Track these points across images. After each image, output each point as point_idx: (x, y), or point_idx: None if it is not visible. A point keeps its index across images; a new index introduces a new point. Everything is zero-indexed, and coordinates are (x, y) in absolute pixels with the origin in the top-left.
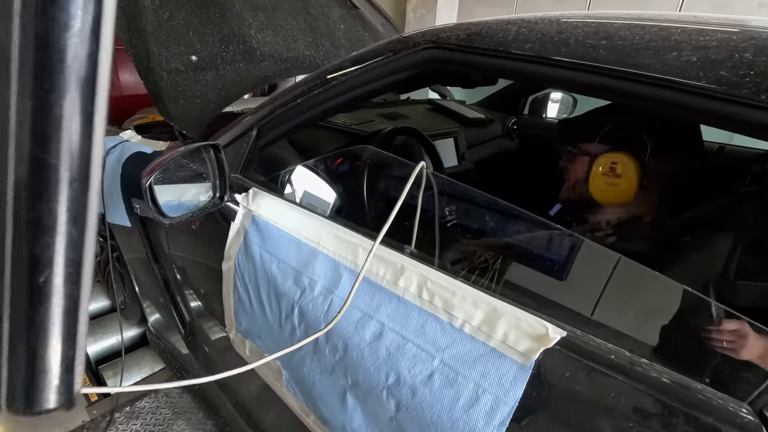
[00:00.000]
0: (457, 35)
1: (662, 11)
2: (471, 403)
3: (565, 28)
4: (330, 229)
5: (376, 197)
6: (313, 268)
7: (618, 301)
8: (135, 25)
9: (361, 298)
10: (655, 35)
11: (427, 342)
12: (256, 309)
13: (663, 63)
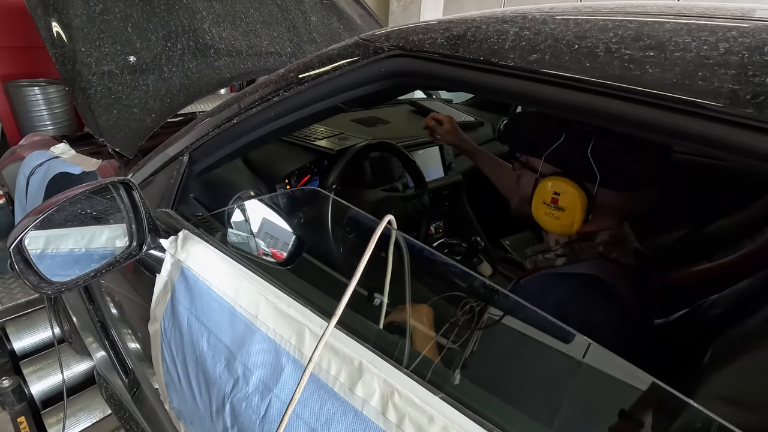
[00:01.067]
0: (433, 39)
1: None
2: None
3: (589, 29)
4: (271, 298)
5: (332, 255)
6: (248, 351)
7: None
8: (60, 20)
9: (307, 404)
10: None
11: None
12: (186, 390)
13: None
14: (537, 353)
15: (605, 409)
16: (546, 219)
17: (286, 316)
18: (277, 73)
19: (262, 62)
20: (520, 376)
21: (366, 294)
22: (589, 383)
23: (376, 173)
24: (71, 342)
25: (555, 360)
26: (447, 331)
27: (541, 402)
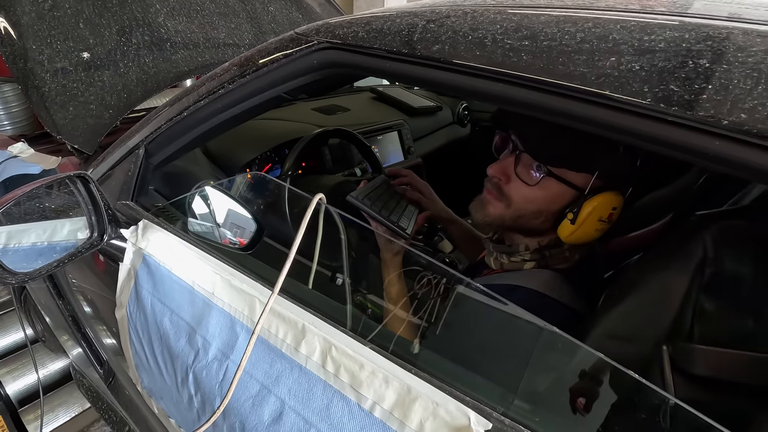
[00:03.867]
0: (355, 32)
1: None
2: None
3: (481, 22)
4: (226, 276)
5: (283, 229)
6: (207, 325)
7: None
8: (7, 17)
9: (259, 365)
10: (590, 33)
11: (332, 428)
12: (153, 368)
13: (601, 74)
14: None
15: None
16: (594, 234)
17: (239, 291)
18: (222, 67)
19: (221, 54)
20: (445, 331)
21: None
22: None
23: (336, 159)
24: (44, 341)
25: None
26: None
27: (455, 346)
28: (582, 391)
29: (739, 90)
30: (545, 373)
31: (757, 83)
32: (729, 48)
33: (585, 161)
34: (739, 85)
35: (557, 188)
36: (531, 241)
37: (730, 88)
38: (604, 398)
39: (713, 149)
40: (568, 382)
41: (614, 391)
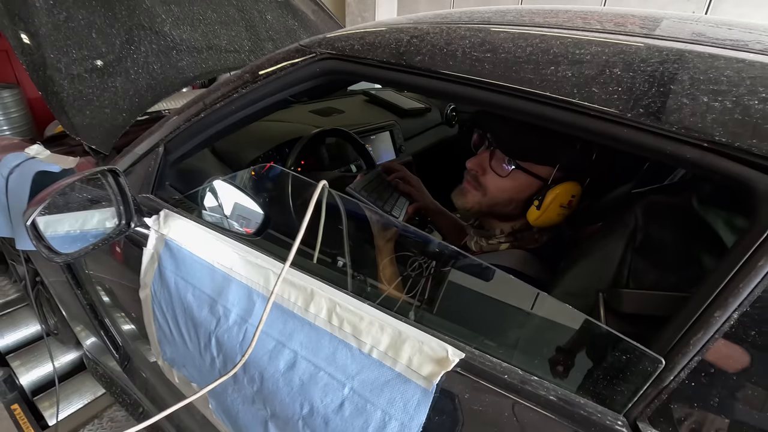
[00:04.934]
0: (351, 45)
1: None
2: (380, 428)
3: (453, 37)
4: (242, 254)
5: (287, 216)
6: (227, 295)
7: (517, 314)
8: (26, 29)
9: (274, 325)
10: (540, 47)
11: (337, 370)
12: (177, 338)
13: (544, 79)
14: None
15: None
16: (556, 218)
17: (254, 266)
18: (235, 74)
19: (223, 61)
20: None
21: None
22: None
23: (333, 157)
24: (57, 333)
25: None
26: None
27: (437, 302)
28: (538, 329)
29: (640, 92)
30: (510, 319)
31: (651, 86)
32: (635, 59)
33: (547, 156)
34: (641, 87)
35: (525, 179)
36: (505, 226)
37: (633, 90)
38: (556, 334)
39: (623, 136)
40: (527, 323)
41: (563, 329)
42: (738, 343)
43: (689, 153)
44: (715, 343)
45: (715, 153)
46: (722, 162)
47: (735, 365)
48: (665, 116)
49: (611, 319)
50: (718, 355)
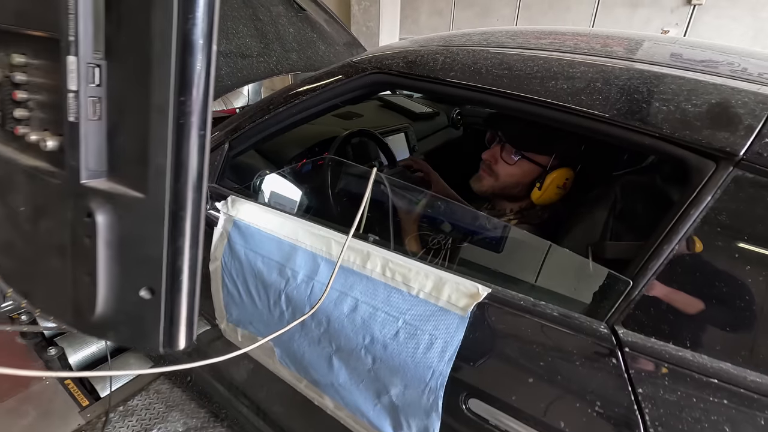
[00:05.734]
0: (397, 63)
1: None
2: (427, 348)
3: (479, 58)
4: (306, 227)
5: (339, 197)
6: (294, 260)
7: (529, 263)
8: None
9: (338, 280)
10: (542, 66)
11: (392, 309)
12: (246, 300)
13: (547, 90)
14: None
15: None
16: (553, 197)
17: (318, 236)
18: (294, 83)
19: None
20: (460, 247)
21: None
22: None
23: (356, 156)
24: None
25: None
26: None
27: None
28: (543, 268)
29: (614, 99)
30: (522, 263)
31: (622, 95)
32: (611, 76)
33: (546, 147)
34: (615, 96)
35: (528, 166)
36: (514, 206)
37: (609, 98)
38: (555, 271)
39: (603, 130)
40: (535, 265)
41: (560, 267)
42: (677, 269)
43: (647, 141)
44: (663, 269)
45: (663, 140)
46: (668, 146)
47: (676, 284)
48: (631, 116)
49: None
50: (665, 277)
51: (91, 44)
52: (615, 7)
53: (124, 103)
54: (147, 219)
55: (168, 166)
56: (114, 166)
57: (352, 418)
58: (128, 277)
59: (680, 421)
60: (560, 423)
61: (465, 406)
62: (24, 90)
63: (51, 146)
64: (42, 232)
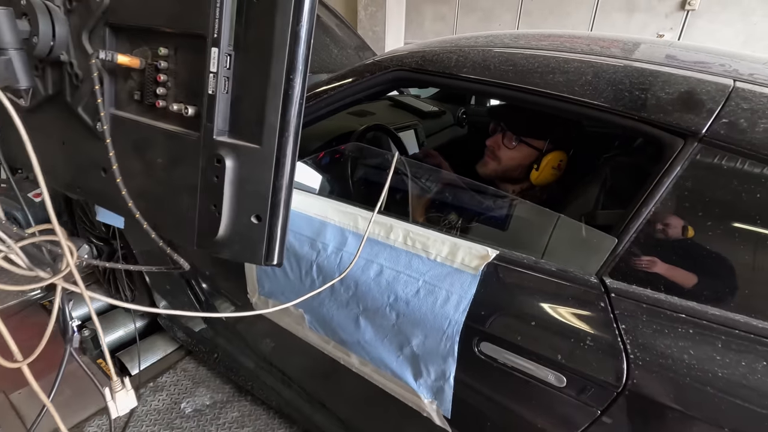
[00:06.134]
0: (416, 61)
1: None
2: (444, 302)
3: (487, 56)
4: (334, 206)
5: (360, 180)
6: (324, 235)
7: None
8: None
9: (364, 250)
10: (543, 63)
11: (413, 271)
12: (278, 273)
13: (546, 82)
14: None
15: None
16: (550, 177)
17: (345, 213)
18: (322, 80)
19: None
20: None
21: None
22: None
23: None
24: (133, 300)
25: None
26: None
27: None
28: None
29: (602, 89)
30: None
31: (608, 86)
32: (599, 71)
33: (542, 133)
34: (602, 87)
35: (527, 150)
36: (515, 187)
37: (598, 89)
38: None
39: (593, 115)
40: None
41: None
42: (653, 228)
43: (629, 123)
44: (642, 228)
45: (641, 122)
46: (645, 127)
47: (652, 240)
48: (616, 103)
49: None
50: (643, 235)
51: (227, 40)
52: (612, 12)
53: (245, 81)
54: (259, 163)
55: (277, 124)
56: (234, 126)
57: (376, 372)
58: (243, 207)
59: (655, 348)
60: (558, 356)
61: (477, 349)
62: (164, 74)
63: (191, 113)
64: (175, 177)
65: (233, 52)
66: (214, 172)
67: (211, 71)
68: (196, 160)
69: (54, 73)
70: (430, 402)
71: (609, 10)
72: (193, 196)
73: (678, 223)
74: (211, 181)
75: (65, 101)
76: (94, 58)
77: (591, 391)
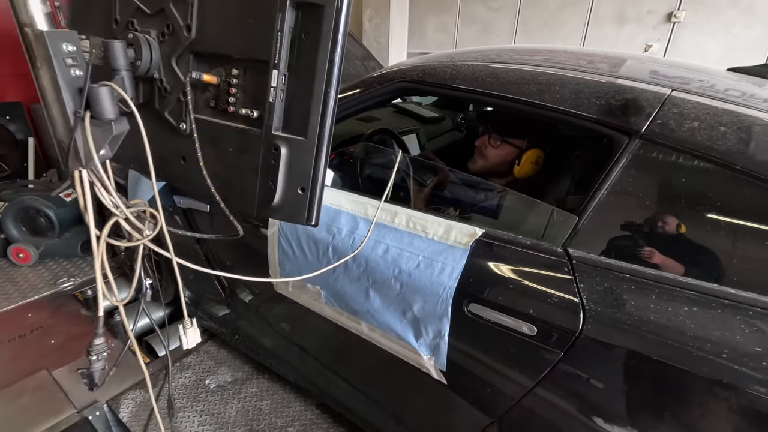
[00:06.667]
0: (417, 74)
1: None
2: (440, 272)
3: (478, 71)
4: (346, 196)
5: (369, 175)
6: (339, 221)
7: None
8: None
9: (373, 232)
10: (519, 75)
11: (414, 249)
12: (298, 255)
13: (521, 91)
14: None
15: None
16: (530, 171)
17: (357, 202)
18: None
19: None
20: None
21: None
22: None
23: None
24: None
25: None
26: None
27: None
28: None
29: (566, 96)
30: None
31: (572, 94)
32: (564, 81)
33: (521, 133)
34: (567, 95)
35: (509, 149)
36: (501, 181)
37: (564, 95)
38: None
39: (561, 118)
40: (515, 214)
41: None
42: (606, 207)
43: (587, 124)
44: (597, 207)
45: (597, 123)
46: (600, 127)
47: (605, 217)
48: (577, 107)
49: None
50: (598, 213)
51: (284, 64)
52: (604, 24)
53: (295, 93)
54: (304, 150)
55: (317, 122)
56: (286, 124)
57: (383, 336)
58: (291, 181)
59: (605, 301)
60: (530, 310)
61: (467, 309)
62: (234, 87)
63: (255, 115)
64: (241, 162)
65: (287, 73)
66: (272, 157)
67: (272, 86)
68: (258, 149)
69: (146, 87)
70: (428, 358)
71: (600, 22)
72: (255, 175)
73: (627, 204)
74: (270, 164)
75: (153, 108)
76: (188, 76)
77: (555, 337)
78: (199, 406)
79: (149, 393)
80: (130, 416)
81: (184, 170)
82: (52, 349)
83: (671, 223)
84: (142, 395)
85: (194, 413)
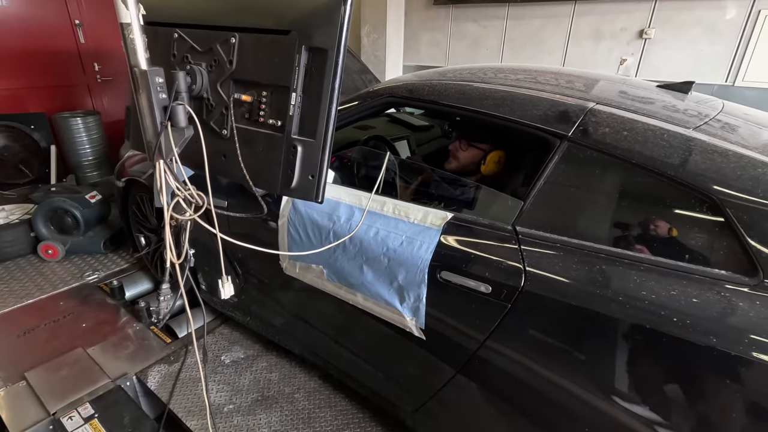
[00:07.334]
0: (401, 90)
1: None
2: (419, 248)
3: (449, 88)
4: (345, 191)
5: (365, 174)
6: (338, 210)
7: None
8: None
9: (366, 219)
10: (480, 92)
11: (399, 231)
12: (304, 240)
13: (482, 105)
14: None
15: None
16: (494, 169)
17: (353, 195)
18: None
19: None
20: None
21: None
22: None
23: None
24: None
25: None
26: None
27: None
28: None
29: (522, 109)
30: (483, 209)
31: (527, 108)
32: (521, 99)
33: (484, 139)
34: (523, 109)
35: (476, 151)
36: (471, 178)
37: (524, 109)
38: (493, 205)
39: (516, 127)
40: (480, 203)
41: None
42: (544, 194)
43: (530, 130)
44: (537, 194)
45: (537, 129)
46: (539, 132)
47: (544, 201)
48: (522, 117)
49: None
50: (537, 198)
51: (300, 88)
52: (582, 40)
53: (306, 108)
54: (314, 149)
55: (323, 129)
56: (301, 130)
57: (375, 304)
58: (305, 170)
59: (540, 264)
60: (486, 273)
61: (439, 276)
62: (264, 104)
63: (279, 124)
64: (269, 157)
65: (302, 95)
66: (291, 154)
67: (291, 104)
68: (281, 148)
69: (195, 103)
70: (410, 319)
71: (579, 38)
72: (278, 166)
73: (557, 191)
74: (289, 158)
75: (201, 119)
76: (232, 96)
77: (504, 293)
78: (217, 377)
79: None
80: (157, 385)
81: (223, 164)
82: (84, 331)
83: (593, 205)
84: (166, 368)
85: (212, 383)
